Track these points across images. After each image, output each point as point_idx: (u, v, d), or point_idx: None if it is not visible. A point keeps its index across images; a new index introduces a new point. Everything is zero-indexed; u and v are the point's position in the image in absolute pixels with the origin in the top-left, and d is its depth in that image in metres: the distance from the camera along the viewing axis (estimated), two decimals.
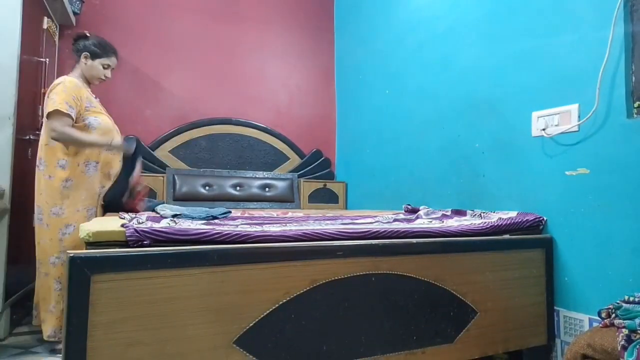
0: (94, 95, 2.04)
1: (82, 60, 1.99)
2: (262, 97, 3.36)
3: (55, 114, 1.79)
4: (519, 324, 1.58)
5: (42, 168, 1.85)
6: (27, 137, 2.15)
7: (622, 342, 1.03)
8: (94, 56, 1.99)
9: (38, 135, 2.26)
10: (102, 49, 2.01)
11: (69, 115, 1.81)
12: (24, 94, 2.04)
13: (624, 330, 1.07)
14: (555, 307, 1.65)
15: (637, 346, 1.01)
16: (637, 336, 1.03)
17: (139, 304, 1.05)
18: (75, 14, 2.74)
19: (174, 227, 1.21)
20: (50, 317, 1.79)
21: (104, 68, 2.01)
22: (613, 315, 1.16)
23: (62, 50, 2.78)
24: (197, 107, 3.13)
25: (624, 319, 1.11)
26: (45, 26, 2.39)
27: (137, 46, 2.97)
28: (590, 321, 1.52)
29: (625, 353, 1.01)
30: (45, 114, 1.83)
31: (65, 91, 1.83)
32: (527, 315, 1.60)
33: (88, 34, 2.03)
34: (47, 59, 2.43)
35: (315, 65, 3.56)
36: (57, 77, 2.67)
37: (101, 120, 1.96)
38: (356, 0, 3.31)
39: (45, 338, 1.79)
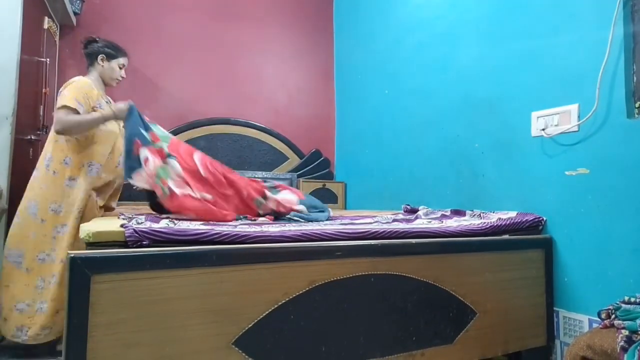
0: (106, 99, 2.05)
1: (99, 63, 2.02)
2: (261, 97, 3.36)
3: (63, 109, 1.81)
4: (518, 324, 1.58)
5: (48, 163, 1.86)
6: (28, 137, 2.15)
7: (622, 344, 1.03)
8: (110, 57, 2.03)
9: (39, 135, 2.27)
10: (116, 50, 2.06)
11: (75, 110, 1.82)
12: (24, 94, 2.04)
13: (623, 331, 1.06)
14: (554, 308, 1.65)
15: (638, 347, 1.00)
16: (638, 337, 1.03)
17: (138, 305, 1.05)
18: (75, 14, 2.74)
19: (172, 227, 1.21)
20: (18, 316, 1.74)
21: (119, 68, 2.06)
22: (613, 316, 1.16)
23: (63, 50, 2.78)
24: (196, 107, 3.13)
25: (624, 320, 1.10)
26: (45, 26, 2.40)
27: (136, 46, 2.97)
28: (590, 322, 1.52)
29: (625, 355, 1.00)
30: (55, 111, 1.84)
31: (76, 88, 1.87)
32: (526, 316, 1.60)
33: (97, 38, 2.07)
34: (48, 59, 2.43)
35: (314, 65, 3.56)
36: (57, 77, 2.70)
37: (107, 123, 1.95)
38: (355, 0, 3.31)
39: (9, 337, 1.74)
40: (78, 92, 1.85)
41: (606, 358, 1.07)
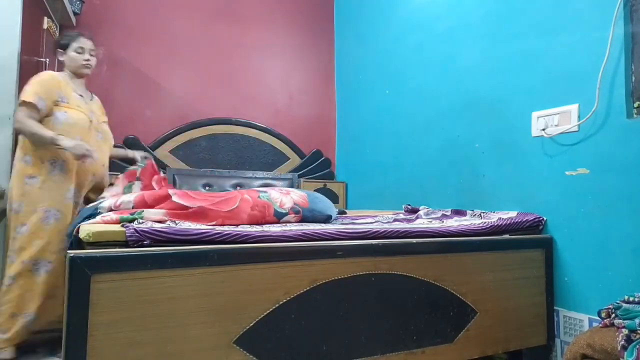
0: (79, 92, 1.98)
1: (60, 58, 2.01)
2: (262, 97, 3.36)
3: (22, 104, 1.77)
4: (518, 324, 1.58)
5: (14, 162, 1.83)
6: None
7: (622, 342, 1.03)
8: (64, 48, 2.00)
9: None
10: (66, 37, 2.02)
11: (34, 106, 1.78)
12: None
13: (623, 330, 1.07)
14: (555, 307, 1.65)
15: (637, 346, 1.01)
16: (637, 336, 1.03)
17: (139, 304, 1.06)
18: (75, 14, 2.74)
19: (174, 227, 1.21)
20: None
21: (78, 53, 1.98)
22: (613, 315, 1.16)
23: None
24: (197, 107, 3.13)
25: (624, 319, 1.11)
26: (45, 26, 2.39)
27: (137, 46, 2.98)
28: (590, 321, 1.52)
29: (625, 353, 1.01)
30: None
31: (38, 83, 1.83)
32: (526, 315, 1.60)
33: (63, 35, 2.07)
34: (47, 59, 2.43)
35: (315, 65, 3.56)
36: None
37: (69, 116, 1.86)
38: None
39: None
40: (39, 87, 1.82)
41: (606, 356, 1.07)
